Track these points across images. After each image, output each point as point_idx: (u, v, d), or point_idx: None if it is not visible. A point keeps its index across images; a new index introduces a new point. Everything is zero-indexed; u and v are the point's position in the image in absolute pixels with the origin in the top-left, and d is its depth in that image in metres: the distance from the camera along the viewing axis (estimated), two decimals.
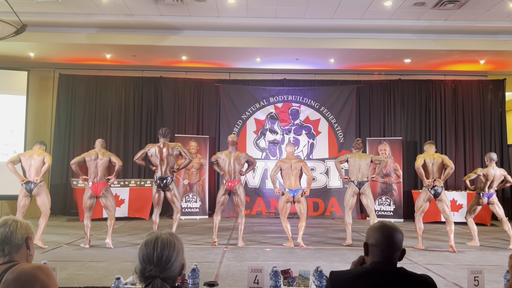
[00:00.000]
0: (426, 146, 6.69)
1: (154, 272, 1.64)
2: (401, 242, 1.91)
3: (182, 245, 1.76)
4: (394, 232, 1.90)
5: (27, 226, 2.02)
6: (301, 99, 10.56)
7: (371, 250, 1.92)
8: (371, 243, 1.92)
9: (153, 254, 1.66)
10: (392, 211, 9.81)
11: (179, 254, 1.71)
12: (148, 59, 9.71)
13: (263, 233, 7.66)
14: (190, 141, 10.06)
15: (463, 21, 7.91)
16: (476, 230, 6.78)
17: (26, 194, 6.26)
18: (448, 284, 4.34)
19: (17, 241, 1.94)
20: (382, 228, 1.92)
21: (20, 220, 2.02)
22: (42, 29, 8.19)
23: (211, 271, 4.78)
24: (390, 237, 1.89)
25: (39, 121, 10.31)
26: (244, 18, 7.95)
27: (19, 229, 1.96)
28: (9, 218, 2.01)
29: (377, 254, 1.89)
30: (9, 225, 1.96)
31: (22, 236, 1.96)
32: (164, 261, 1.65)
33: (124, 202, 9.18)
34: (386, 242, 1.88)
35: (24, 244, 1.97)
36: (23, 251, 1.96)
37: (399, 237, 1.90)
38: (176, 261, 1.68)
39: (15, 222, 1.98)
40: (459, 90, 10.66)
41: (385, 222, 1.98)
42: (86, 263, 5.10)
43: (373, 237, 1.92)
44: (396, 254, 1.90)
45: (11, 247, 1.93)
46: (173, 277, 1.69)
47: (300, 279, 3.04)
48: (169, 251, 1.67)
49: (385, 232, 1.90)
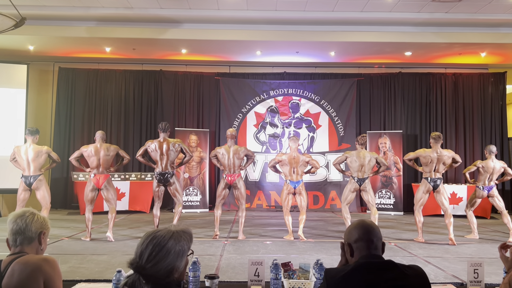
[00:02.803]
0: (432, 141, 6.44)
1: (135, 267, 1.57)
2: (381, 236, 1.96)
3: (183, 248, 1.64)
4: (371, 224, 1.97)
5: (44, 221, 2.04)
6: (302, 93, 10.55)
7: (356, 247, 1.93)
8: (355, 239, 1.94)
9: (139, 248, 1.61)
10: (392, 204, 9.83)
11: (168, 256, 1.58)
12: (148, 52, 9.68)
13: (264, 226, 7.68)
14: (190, 134, 10.06)
15: (464, 13, 7.87)
16: (475, 223, 6.80)
17: (25, 188, 6.25)
18: (448, 276, 4.36)
19: (31, 234, 1.97)
20: (361, 223, 1.98)
21: (38, 214, 2.04)
22: (41, 22, 8.16)
23: (212, 264, 4.80)
24: (371, 227, 1.94)
25: (39, 114, 10.30)
26: (244, 11, 7.92)
27: (34, 222, 1.99)
28: (27, 210, 2.02)
29: (364, 247, 1.91)
30: (26, 217, 1.98)
31: (36, 230, 1.98)
32: (146, 258, 1.57)
33: (124, 196, 9.20)
34: (369, 234, 1.92)
35: (36, 238, 1.99)
36: (34, 245, 1.98)
37: (376, 229, 1.96)
38: (161, 262, 1.57)
39: (32, 215, 2.00)
40: (459, 83, 10.64)
41: (361, 219, 2.04)
42: (87, 256, 5.12)
43: (355, 233, 1.94)
44: (380, 246, 1.93)
45: (23, 238, 1.96)
46: (157, 277, 1.56)
47: (300, 271, 3.05)
48: (154, 251, 1.58)
49: (365, 226, 1.96)
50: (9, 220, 2.00)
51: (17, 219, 1.97)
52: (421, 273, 1.88)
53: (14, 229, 1.96)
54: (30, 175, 6.22)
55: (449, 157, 6.41)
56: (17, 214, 2.01)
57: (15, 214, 2.02)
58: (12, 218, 2.00)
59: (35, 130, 6.37)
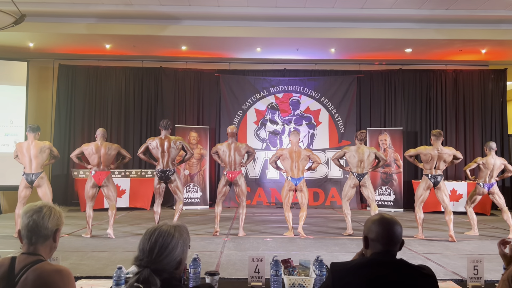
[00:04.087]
0: (433, 138, 6.44)
1: (145, 263, 1.62)
2: (401, 235, 1.92)
3: (186, 241, 1.72)
4: (394, 225, 1.91)
5: (60, 216, 1.95)
6: (302, 89, 10.54)
7: (371, 244, 1.92)
8: (371, 237, 1.92)
9: (147, 244, 1.64)
10: (392, 201, 9.84)
11: (176, 248, 1.65)
12: (148, 49, 9.67)
13: (264, 223, 7.69)
14: (191, 131, 10.06)
15: (465, 10, 7.85)
16: (475, 219, 6.80)
17: (26, 185, 6.23)
18: (448, 273, 4.37)
19: (46, 232, 1.88)
20: (382, 222, 1.92)
21: (54, 209, 1.93)
22: (41, 19, 8.14)
23: (212, 260, 4.81)
24: (391, 230, 1.90)
25: (39, 111, 10.30)
26: (244, 8, 7.90)
27: (51, 219, 1.89)
28: (45, 205, 1.92)
29: (378, 247, 1.89)
30: (44, 213, 1.88)
31: (53, 227, 1.90)
32: (156, 252, 1.62)
33: (125, 193, 9.21)
34: (387, 236, 1.89)
35: (51, 236, 1.91)
36: (48, 243, 1.91)
37: (399, 230, 1.91)
38: (170, 254, 1.64)
39: (49, 211, 1.90)
40: (460, 79, 10.63)
41: (384, 214, 1.98)
42: (88, 253, 5.13)
43: (373, 231, 1.91)
44: (397, 247, 1.91)
45: (38, 237, 1.87)
46: (167, 270, 1.64)
47: (300, 268, 3.06)
48: (164, 243, 1.64)
49: (385, 226, 1.90)
50: (24, 213, 1.88)
51: (34, 214, 1.86)
52: (430, 274, 1.86)
53: (29, 225, 1.86)
54: (31, 173, 6.21)
55: (450, 154, 6.41)
56: (34, 208, 1.88)
57: (31, 208, 1.89)
58: (28, 212, 1.88)
59: (36, 127, 6.37)
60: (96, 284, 3.11)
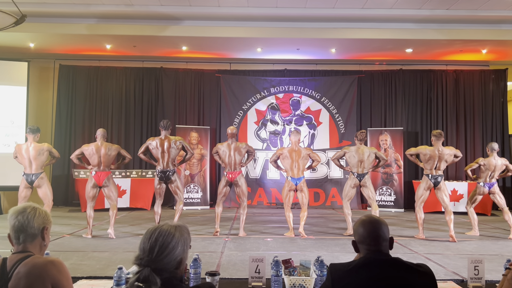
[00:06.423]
0: (434, 139, 6.44)
1: (145, 262, 1.63)
2: (386, 233, 1.93)
3: (187, 241, 1.72)
4: (375, 224, 1.92)
5: (45, 216, 1.97)
6: (302, 90, 10.54)
7: (360, 247, 1.94)
8: (358, 240, 1.94)
9: (148, 243, 1.65)
10: (392, 201, 9.84)
11: (176, 248, 1.66)
12: (149, 49, 9.67)
13: (264, 223, 7.69)
14: (191, 132, 10.06)
15: (465, 10, 7.84)
16: (476, 219, 6.79)
17: (26, 186, 6.25)
18: (448, 273, 4.36)
19: (33, 231, 1.91)
20: (363, 224, 1.94)
21: (39, 208, 1.97)
22: (41, 20, 8.14)
23: (213, 260, 4.82)
24: (374, 230, 1.91)
25: (40, 112, 10.31)
26: (245, 8, 7.90)
27: (36, 218, 1.92)
28: (28, 206, 1.96)
29: (366, 249, 1.91)
30: (28, 213, 1.92)
31: (39, 226, 1.93)
32: (157, 252, 1.63)
33: (125, 193, 9.21)
34: (371, 236, 1.90)
35: (39, 234, 1.94)
36: (37, 241, 1.94)
37: (382, 228, 1.92)
38: (171, 254, 1.64)
39: (34, 211, 1.94)
40: (460, 80, 10.62)
41: (366, 216, 1.99)
42: (89, 253, 5.13)
43: (358, 234, 1.94)
44: (384, 246, 1.91)
45: (26, 236, 1.90)
46: (168, 270, 1.64)
47: (301, 268, 3.06)
48: (164, 243, 1.64)
49: (367, 227, 1.92)
50: (9, 216, 1.93)
51: (18, 216, 1.91)
52: (428, 272, 1.86)
53: (15, 225, 1.90)
54: (31, 173, 6.22)
55: (451, 155, 6.41)
56: (18, 210, 1.93)
57: (15, 209, 1.94)
58: (13, 214, 1.92)
59: (36, 129, 6.37)
60: (96, 285, 3.11)
